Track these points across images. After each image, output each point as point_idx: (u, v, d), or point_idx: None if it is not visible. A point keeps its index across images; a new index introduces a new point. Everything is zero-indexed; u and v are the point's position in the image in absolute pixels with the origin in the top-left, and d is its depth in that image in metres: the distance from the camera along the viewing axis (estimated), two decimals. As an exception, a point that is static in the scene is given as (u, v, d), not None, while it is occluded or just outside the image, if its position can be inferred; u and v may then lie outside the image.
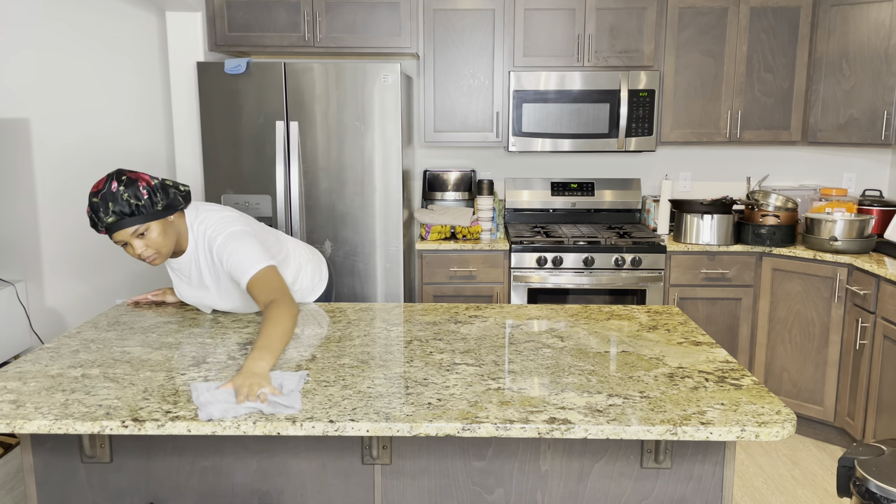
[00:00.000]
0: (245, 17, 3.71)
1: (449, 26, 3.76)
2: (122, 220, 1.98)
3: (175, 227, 2.11)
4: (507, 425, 1.51)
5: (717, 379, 1.78)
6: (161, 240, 2.05)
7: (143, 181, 2.02)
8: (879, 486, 1.89)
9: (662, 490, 1.80)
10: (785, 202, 3.64)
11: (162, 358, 1.92)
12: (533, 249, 3.63)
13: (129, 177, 2.01)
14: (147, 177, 2.05)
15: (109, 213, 1.96)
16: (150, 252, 2.05)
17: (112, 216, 1.97)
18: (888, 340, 3.09)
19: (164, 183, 2.08)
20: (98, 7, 4.06)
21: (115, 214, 1.97)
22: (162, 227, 2.05)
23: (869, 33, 3.54)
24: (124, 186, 1.98)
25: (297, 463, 1.81)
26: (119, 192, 1.97)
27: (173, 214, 2.09)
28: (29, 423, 1.54)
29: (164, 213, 2.04)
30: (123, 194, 1.97)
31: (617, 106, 3.76)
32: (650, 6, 3.73)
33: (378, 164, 3.48)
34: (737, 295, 3.65)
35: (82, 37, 4.10)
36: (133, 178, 2.01)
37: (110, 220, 1.97)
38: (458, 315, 2.34)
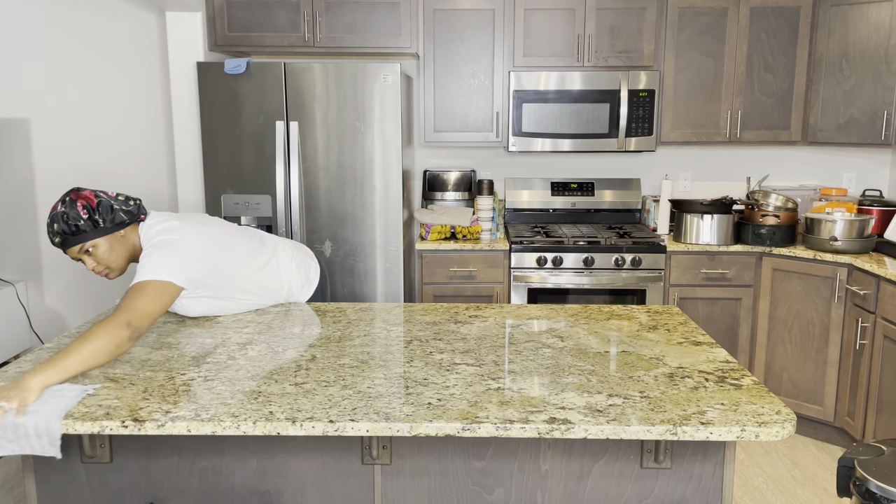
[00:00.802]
0: (245, 17, 3.71)
1: (449, 26, 3.76)
2: (65, 240, 2.03)
3: (126, 241, 2.12)
4: (507, 425, 1.51)
5: (717, 379, 1.78)
6: (109, 255, 2.07)
7: (84, 200, 2.03)
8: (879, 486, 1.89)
9: (662, 490, 1.80)
10: (785, 202, 3.64)
11: (162, 358, 1.92)
12: (533, 249, 3.63)
13: (71, 197, 2.03)
14: (91, 195, 2.06)
15: (55, 234, 2.02)
16: (101, 268, 2.09)
17: (57, 237, 2.02)
18: (888, 340, 3.09)
19: (108, 200, 2.08)
20: (98, 7, 4.06)
21: (59, 235, 2.02)
22: (109, 244, 2.07)
23: (869, 33, 3.54)
24: (66, 207, 2.02)
25: (297, 463, 1.81)
26: (60, 213, 2.01)
27: (122, 230, 2.10)
28: (29, 423, 1.53)
29: (109, 229, 2.06)
30: (63, 215, 2.01)
31: (617, 106, 3.76)
32: (650, 6, 3.73)
33: (378, 164, 3.48)
34: (737, 295, 3.65)
35: (82, 37, 4.10)
36: (75, 198, 2.03)
37: (57, 241, 2.02)
38: (458, 315, 2.34)
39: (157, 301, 1.96)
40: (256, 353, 1.95)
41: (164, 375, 1.80)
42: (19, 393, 1.59)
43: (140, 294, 1.94)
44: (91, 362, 1.74)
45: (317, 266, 2.62)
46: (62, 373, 1.69)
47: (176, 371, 1.83)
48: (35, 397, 1.61)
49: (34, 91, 4.13)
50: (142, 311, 1.90)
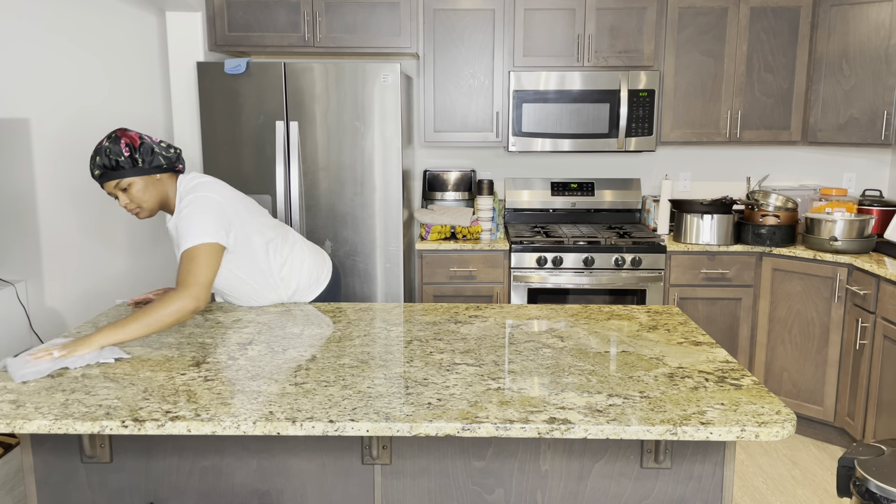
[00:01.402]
0: (245, 17, 3.71)
1: (449, 26, 3.76)
2: (104, 173, 2.11)
3: (161, 186, 2.20)
4: (507, 425, 1.51)
5: (717, 379, 1.78)
6: (142, 195, 2.16)
7: (128, 139, 2.12)
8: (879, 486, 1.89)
9: (662, 490, 1.80)
10: (785, 202, 3.64)
11: (162, 358, 1.92)
12: (533, 249, 3.63)
13: (117, 135, 2.12)
14: (136, 136, 2.14)
15: (96, 166, 2.11)
16: (133, 206, 2.18)
17: (98, 169, 2.11)
18: (888, 340, 3.09)
19: (150, 143, 2.16)
20: (98, 7, 4.06)
21: (99, 168, 2.11)
22: (144, 184, 2.15)
23: (869, 33, 3.54)
24: (110, 143, 2.10)
25: (297, 463, 1.81)
26: (104, 148, 2.10)
27: (159, 174, 2.18)
28: (29, 423, 1.54)
29: (146, 171, 2.14)
30: (107, 150, 2.09)
31: (617, 106, 3.76)
32: (650, 6, 3.73)
33: (378, 164, 3.48)
34: (737, 295, 3.65)
35: (82, 36, 4.10)
36: (120, 136, 2.12)
37: (97, 173, 2.12)
38: (458, 315, 2.34)
39: (211, 266, 2.11)
40: (256, 353, 1.95)
41: (164, 375, 1.80)
42: (76, 344, 1.85)
43: (197, 262, 2.08)
44: (152, 330, 1.96)
45: (329, 269, 2.61)
46: (124, 335, 1.91)
47: (176, 371, 1.83)
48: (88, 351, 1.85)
49: (34, 91, 4.13)
50: (203, 281, 2.06)
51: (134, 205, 2.18)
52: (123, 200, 2.15)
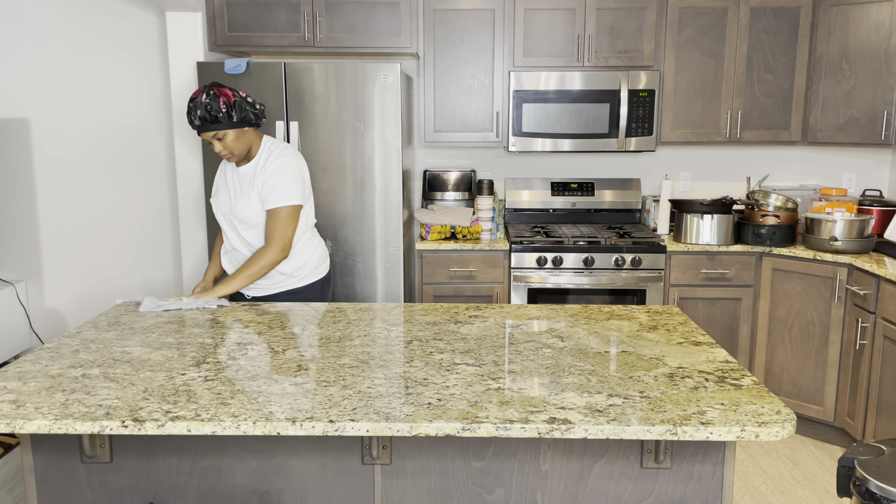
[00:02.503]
0: (245, 17, 3.71)
1: (449, 26, 3.76)
2: (204, 124, 2.47)
3: (248, 137, 2.57)
4: (507, 425, 1.51)
5: (717, 379, 1.78)
6: (234, 144, 2.53)
7: (225, 97, 2.47)
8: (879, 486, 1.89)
9: (662, 490, 1.80)
10: (785, 202, 3.64)
11: (162, 358, 1.92)
12: (533, 249, 3.63)
13: (215, 92, 2.47)
14: (230, 93, 2.50)
15: (196, 118, 2.46)
16: (227, 152, 2.53)
17: (198, 120, 2.46)
18: (888, 340, 3.09)
19: (244, 101, 2.53)
20: (98, 7, 4.06)
21: (200, 119, 2.46)
22: (236, 135, 2.52)
23: (869, 33, 3.54)
24: (210, 99, 2.45)
25: (297, 463, 1.81)
26: (204, 103, 2.45)
27: (247, 127, 2.55)
28: (29, 423, 1.54)
29: (238, 124, 2.51)
30: (207, 105, 2.44)
31: (617, 106, 3.76)
32: (650, 6, 3.73)
33: (378, 164, 3.48)
34: (737, 295, 3.65)
35: (82, 37, 4.10)
36: (217, 93, 2.46)
37: (197, 124, 2.47)
38: (458, 315, 2.34)
39: (293, 223, 2.57)
40: (256, 353, 1.95)
41: (164, 375, 1.80)
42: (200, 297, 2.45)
43: (282, 221, 2.54)
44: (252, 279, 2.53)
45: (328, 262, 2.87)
46: (232, 287, 2.50)
47: (176, 371, 1.83)
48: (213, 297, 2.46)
49: (34, 91, 4.13)
50: (287, 237, 2.56)
51: (227, 151, 2.52)
52: (218, 147, 2.51)
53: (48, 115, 4.17)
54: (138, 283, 4.32)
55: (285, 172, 2.55)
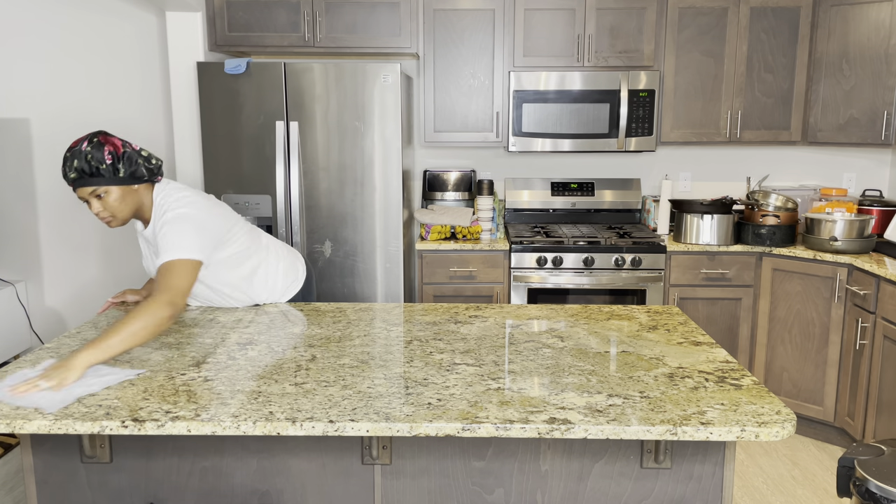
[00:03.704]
0: (245, 17, 3.71)
1: (449, 26, 3.76)
2: (82, 178, 2.04)
3: (137, 196, 2.15)
4: (507, 425, 1.51)
5: (717, 379, 1.78)
6: (118, 205, 2.10)
7: (111, 146, 2.07)
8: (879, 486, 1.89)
9: (662, 490, 1.80)
10: (785, 202, 3.64)
11: (162, 358, 1.92)
12: (533, 249, 3.63)
13: (99, 140, 2.06)
14: (119, 143, 2.09)
15: (73, 169, 2.04)
16: (106, 214, 2.12)
17: (74, 172, 2.04)
18: (888, 340, 3.09)
19: (134, 153, 2.12)
20: (98, 7, 4.06)
21: (77, 171, 2.04)
22: (121, 194, 2.10)
23: (869, 33, 3.54)
24: (92, 148, 2.04)
25: (297, 463, 1.81)
26: (85, 152, 2.03)
27: (137, 184, 2.14)
28: (29, 424, 1.54)
29: (125, 180, 2.09)
30: (88, 155, 2.03)
31: (617, 106, 3.76)
32: (650, 6, 3.73)
33: (378, 164, 3.48)
34: (737, 295, 3.65)
35: (82, 36, 4.09)
36: (103, 142, 2.06)
37: (72, 176, 2.05)
38: (458, 315, 2.34)
39: (189, 278, 2.06)
40: (256, 353, 1.95)
41: (164, 375, 1.80)
42: (62, 372, 1.70)
43: (175, 273, 2.03)
44: (133, 342, 1.84)
45: (304, 266, 2.64)
46: (106, 353, 1.78)
47: (176, 371, 1.83)
48: (76, 377, 1.71)
49: (34, 91, 4.12)
50: (179, 288, 2.01)
51: (107, 213, 2.12)
52: (96, 207, 2.09)
53: (48, 115, 4.16)
54: (138, 283, 4.32)
55: (179, 224, 2.11)
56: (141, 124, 4.15)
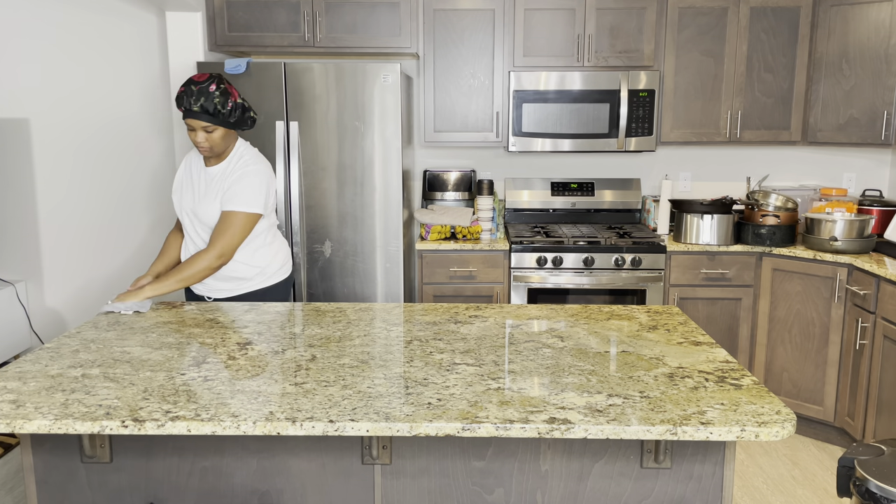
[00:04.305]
0: (245, 17, 3.71)
1: (449, 26, 3.76)
2: (202, 114, 2.41)
3: (230, 138, 2.53)
4: (507, 425, 1.51)
5: (717, 379, 1.78)
6: (219, 141, 2.48)
7: (233, 96, 2.46)
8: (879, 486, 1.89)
9: (662, 490, 1.80)
10: (785, 202, 3.64)
11: (162, 358, 1.92)
12: (533, 249, 3.63)
13: (225, 87, 2.43)
14: (236, 93, 2.49)
15: (198, 104, 2.38)
16: (206, 146, 2.46)
17: (198, 107, 2.39)
18: (888, 340, 3.09)
19: (245, 105, 2.51)
20: (98, 7, 4.06)
21: (201, 108, 2.39)
22: (224, 133, 2.48)
23: (869, 33, 3.54)
24: (220, 93, 2.40)
25: (297, 463, 1.81)
26: (213, 94, 2.39)
27: (237, 130, 2.54)
28: (29, 423, 1.54)
29: (233, 125, 2.49)
30: (215, 98, 2.40)
31: (617, 106, 3.76)
32: (650, 6, 3.73)
33: (378, 164, 3.48)
34: (737, 295, 3.65)
35: (82, 36, 4.10)
36: (228, 90, 2.44)
37: (195, 110, 2.39)
38: (458, 315, 2.34)
39: (244, 233, 2.48)
40: (256, 353, 1.95)
41: (164, 375, 1.80)
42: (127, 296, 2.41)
43: (233, 226, 2.45)
44: (185, 284, 2.42)
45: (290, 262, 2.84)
46: (160, 290, 2.39)
47: (176, 371, 1.83)
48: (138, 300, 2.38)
49: (34, 91, 4.12)
50: (231, 244, 2.46)
51: (208, 145, 2.45)
52: (201, 138, 2.43)
53: (48, 115, 4.16)
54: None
55: (254, 179, 2.48)
56: (141, 124, 4.15)
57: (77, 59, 4.09)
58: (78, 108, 4.14)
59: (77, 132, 4.15)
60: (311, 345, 2.03)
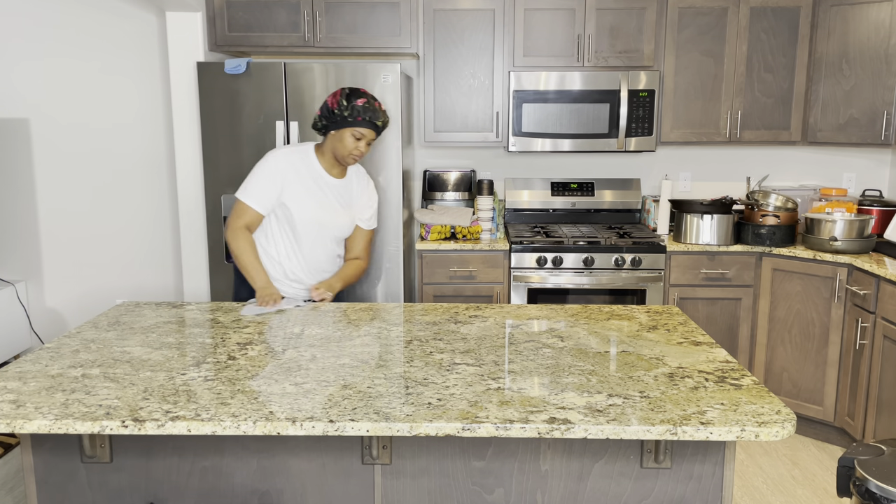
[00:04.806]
0: (245, 17, 3.71)
1: (449, 26, 3.76)
2: (382, 129, 2.60)
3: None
4: (507, 425, 1.51)
5: (717, 379, 1.78)
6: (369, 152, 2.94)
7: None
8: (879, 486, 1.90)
9: (662, 490, 1.80)
10: (785, 202, 3.64)
11: (162, 358, 1.92)
12: (533, 249, 3.63)
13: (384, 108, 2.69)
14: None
15: (381, 120, 2.57)
16: (358, 154, 2.59)
17: (382, 124, 2.58)
18: (888, 340, 3.09)
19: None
20: (98, 7, 4.06)
21: (384, 126, 2.60)
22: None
23: (869, 33, 3.54)
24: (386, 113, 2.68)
25: (297, 463, 1.81)
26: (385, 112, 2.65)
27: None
28: (29, 423, 1.54)
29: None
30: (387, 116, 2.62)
31: (617, 106, 3.76)
32: (650, 6, 3.73)
33: (378, 164, 3.48)
34: (737, 295, 3.65)
35: (82, 37, 4.10)
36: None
37: (379, 126, 2.57)
38: (458, 315, 2.34)
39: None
40: (256, 353, 1.96)
41: (164, 375, 1.80)
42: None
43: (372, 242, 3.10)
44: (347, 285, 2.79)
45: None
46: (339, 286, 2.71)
47: (176, 371, 1.83)
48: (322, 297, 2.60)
49: (34, 91, 4.13)
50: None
51: (361, 155, 2.60)
52: (362, 148, 2.57)
53: (48, 115, 4.16)
54: (138, 282, 4.32)
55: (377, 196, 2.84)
56: (141, 124, 4.15)
57: (77, 60, 4.09)
58: (78, 108, 4.14)
59: (77, 132, 4.15)
60: (311, 345, 2.03)
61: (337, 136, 2.56)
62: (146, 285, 4.34)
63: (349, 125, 2.52)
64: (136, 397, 1.66)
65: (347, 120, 2.52)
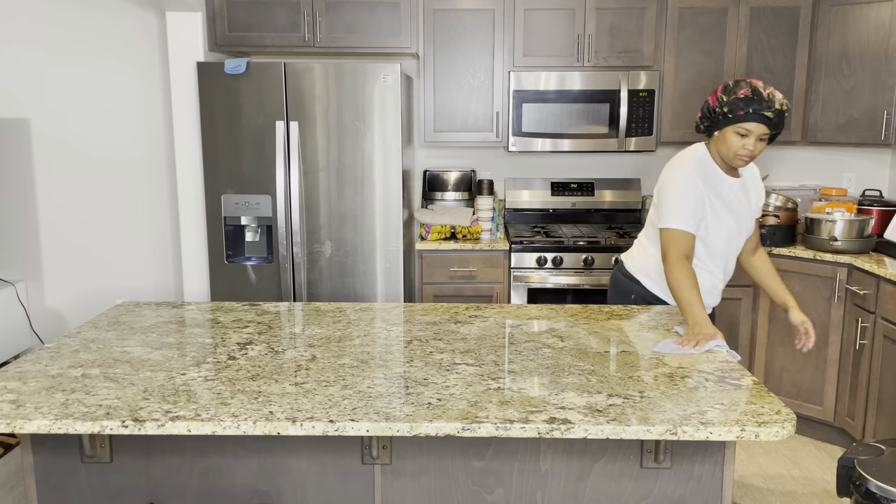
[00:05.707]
0: (245, 17, 3.71)
1: (449, 26, 3.76)
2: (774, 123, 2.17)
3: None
4: (507, 425, 1.51)
5: (716, 379, 1.78)
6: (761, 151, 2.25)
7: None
8: (879, 486, 1.90)
9: (662, 490, 1.80)
10: (785, 202, 3.64)
11: (162, 358, 1.92)
12: (533, 249, 3.63)
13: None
14: None
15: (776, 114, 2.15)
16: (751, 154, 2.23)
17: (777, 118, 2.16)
18: (888, 340, 3.09)
19: None
20: (98, 7, 4.06)
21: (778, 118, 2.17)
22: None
23: (869, 33, 3.54)
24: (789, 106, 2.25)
25: (297, 463, 1.81)
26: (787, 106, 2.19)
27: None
28: (29, 423, 1.54)
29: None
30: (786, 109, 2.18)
31: (617, 106, 3.76)
32: (650, 6, 3.73)
33: (378, 164, 3.48)
34: (737, 295, 3.65)
35: (82, 37, 4.10)
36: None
37: (770, 115, 2.15)
38: (458, 315, 2.34)
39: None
40: (256, 353, 1.96)
41: (164, 375, 1.80)
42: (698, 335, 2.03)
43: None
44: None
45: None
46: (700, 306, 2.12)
47: (176, 371, 1.83)
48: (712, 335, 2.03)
49: (34, 91, 4.13)
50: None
51: (754, 154, 2.23)
52: (751, 146, 2.20)
53: (48, 115, 4.17)
54: (138, 283, 4.32)
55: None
56: (141, 124, 4.15)
57: (77, 60, 4.09)
58: (78, 108, 4.14)
59: (77, 132, 4.15)
60: (311, 345, 2.03)
61: (720, 137, 2.26)
62: (146, 285, 4.34)
63: (730, 122, 2.20)
64: (136, 397, 1.66)
65: (728, 117, 2.20)
